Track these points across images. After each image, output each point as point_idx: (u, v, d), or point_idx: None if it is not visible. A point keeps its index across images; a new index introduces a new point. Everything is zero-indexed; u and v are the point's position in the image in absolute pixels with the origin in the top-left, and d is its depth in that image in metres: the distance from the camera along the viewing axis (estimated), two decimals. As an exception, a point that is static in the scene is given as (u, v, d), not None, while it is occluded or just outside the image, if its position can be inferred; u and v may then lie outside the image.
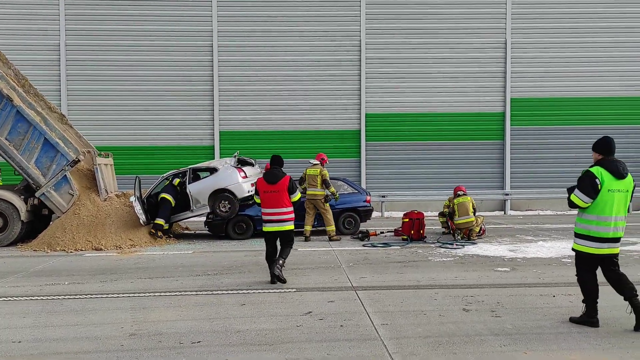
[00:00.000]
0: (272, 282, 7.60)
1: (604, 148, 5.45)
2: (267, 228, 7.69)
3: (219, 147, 18.45)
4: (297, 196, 7.67)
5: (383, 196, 18.28)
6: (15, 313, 6.44)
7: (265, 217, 7.70)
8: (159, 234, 12.21)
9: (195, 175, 13.18)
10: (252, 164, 13.86)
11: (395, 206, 18.56)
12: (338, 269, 8.75)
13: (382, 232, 12.92)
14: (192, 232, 14.62)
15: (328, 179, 12.08)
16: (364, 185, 18.23)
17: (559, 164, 18.97)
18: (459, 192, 12.11)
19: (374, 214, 17.23)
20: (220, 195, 12.41)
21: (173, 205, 12.52)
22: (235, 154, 13.47)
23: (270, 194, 7.63)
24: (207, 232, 13.52)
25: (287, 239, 7.77)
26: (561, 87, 18.89)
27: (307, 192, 12.14)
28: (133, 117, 18.40)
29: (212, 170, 12.99)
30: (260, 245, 11.79)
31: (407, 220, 11.98)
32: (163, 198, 12.50)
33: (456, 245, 10.97)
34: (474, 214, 11.86)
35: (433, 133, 18.76)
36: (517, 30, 18.84)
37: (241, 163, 13.73)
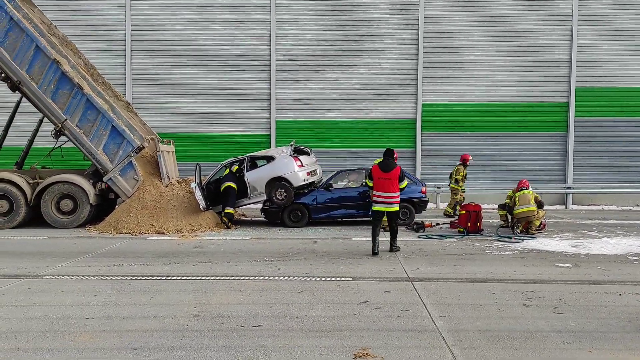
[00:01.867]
0: (391, 250, 9.36)
1: None
2: (377, 208, 9.25)
3: (274, 136, 18.71)
4: (404, 183, 9.38)
5: (438, 187, 18.03)
6: (87, 291, 6.83)
7: (376, 199, 9.26)
8: (229, 224, 12.55)
9: (253, 164, 13.42)
10: (307, 153, 13.97)
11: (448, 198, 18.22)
12: (393, 260, 8.76)
13: (437, 224, 12.81)
14: (249, 218, 14.93)
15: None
16: (418, 176, 18.04)
17: (626, 158, 18.10)
18: (522, 187, 11.83)
19: (429, 205, 17.05)
20: (276, 183, 12.60)
21: (237, 193, 12.83)
22: (292, 142, 13.64)
23: (383, 180, 9.18)
24: (263, 219, 13.79)
25: (394, 217, 9.32)
26: (631, 78, 17.96)
27: None
28: (193, 106, 18.85)
29: (269, 159, 13.19)
30: (315, 233, 11.94)
31: (463, 212, 11.84)
32: (228, 187, 12.81)
33: (515, 239, 10.75)
34: (539, 208, 11.56)
35: (492, 124, 18.28)
36: (584, 16, 18.03)
37: (297, 152, 13.85)
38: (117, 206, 13.72)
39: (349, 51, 18.34)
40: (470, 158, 15.17)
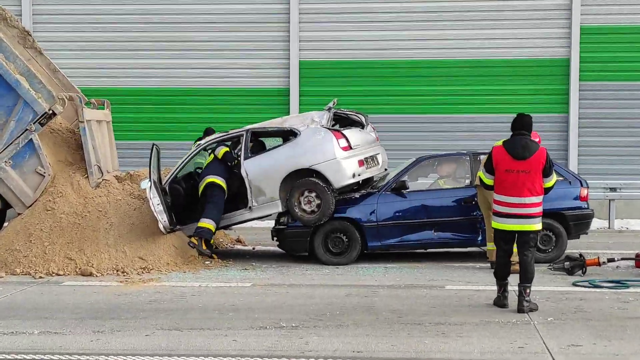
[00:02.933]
0: (520, 309, 9.31)
1: None
2: (503, 225, 9.44)
3: (298, 91, 19.24)
4: (552, 181, 9.48)
5: (612, 189, 17.85)
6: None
7: (500, 209, 9.41)
8: (204, 247, 12.73)
9: (257, 144, 13.48)
10: (360, 124, 13.92)
11: (636, 208, 18.16)
12: (526, 327, 8.66)
13: (611, 260, 12.59)
14: (250, 248, 14.97)
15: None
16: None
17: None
18: None
19: (595, 224, 16.80)
20: (301, 181, 12.67)
21: (226, 194, 12.99)
22: (331, 103, 13.60)
23: (516, 175, 9.25)
24: (277, 248, 13.83)
25: (527, 242, 9.40)
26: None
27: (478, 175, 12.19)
28: (143, 37, 19.24)
29: (287, 135, 13.26)
30: (374, 275, 11.88)
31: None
32: (211, 184, 12.93)
33: None
34: None
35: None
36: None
37: (339, 122, 13.82)
38: (5, 224, 13.89)
39: None
40: None
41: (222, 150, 13.21)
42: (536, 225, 9.39)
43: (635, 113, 19.54)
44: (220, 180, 12.91)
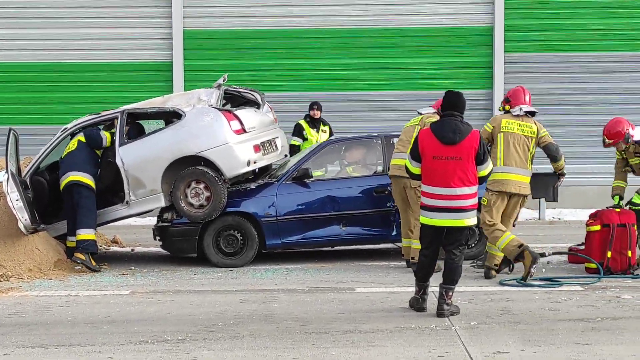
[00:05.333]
0: (439, 313, 9.43)
1: None
2: (431, 221, 9.46)
3: (182, 66, 19.27)
4: (487, 168, 9.61)
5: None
6: None
7: (428, 201, 9.45)
8: (93, 263, 12.57)
9: (135, 127, 13.36)
10: (255, 103, 13.93)
11: (574, 196, 18.60)
12: (447, 333, 8.79)
13: (541, 255, 12.83)
14: (129, 249, 14.92)
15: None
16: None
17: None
18: None
19: (524, 214, 17.13)
20: (187, 171, 12.66)
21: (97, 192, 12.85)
22: (221, 80, 13.57)
23: (445, 162, 9.30)
24: (160, 249, 13.78)
25: (457, 240, 9.54)
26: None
27: (392, 163, 12.25)
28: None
29: (170, 117, 13.24)
30: (273, 278, 11.96)
31: (596, 228, 11.97)
32: (74, 184, 12.71)
33: None
34: None
35: None
36: None
37: (231, 101, 13.81)
38: None
39: None
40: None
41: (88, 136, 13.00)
42: (469, 220, 9.47)
43: (568, 88, 19.94)
44: (85, 178, 12.66)
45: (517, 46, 19.81)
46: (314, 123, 16.57)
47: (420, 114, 12.44)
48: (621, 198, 12.42)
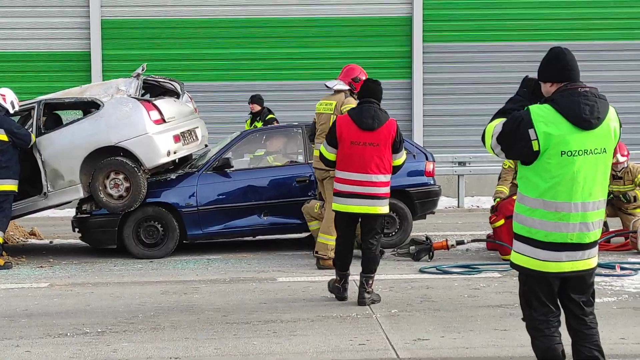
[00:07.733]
0: (360, 301, 9.47)
1: None
2: (345, 207, 9.57)
3: (100, 56, 19.17)
4: (402, 158, 9.83)
5: (461, 163, 18.37)
6: None
7: (342, 187, 9.56)
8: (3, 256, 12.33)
9: (52, 118, 13.20)
10: (175, 93, 13.88)
11: (488, 184, 18.72)
12: (368, 321, 8.85)
13: (460, 242, 12.95)
14: (47, 241, 14.73)
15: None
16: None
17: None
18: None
19: (443, 202, 17.28)
20: (106, 161, 12.55)
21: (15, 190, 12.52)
22: (140, 69, 13.46)
23: (362, 148, 9.44)
24: (79, 240, 13.67)
25: (373, 229, 9.59)
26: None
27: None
28: None
29: (88, 107, 13.16)
30: (194, 269, 11.94)
31: (500, 223, 12.07)
32: (3, 194, 12.37)
33: (620, 270, 11.09)
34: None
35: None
36: None
37: (150, 91, 13.72)
38: None
39: None
40: None
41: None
42: (383, 207, 9.58)
43: (486, 78, 20.22)
44: (12, 185, 12.28)
45: (435, 36, 20.02)
46: (255, 118, 16.60)
47: (328, 87, 12.43)
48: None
